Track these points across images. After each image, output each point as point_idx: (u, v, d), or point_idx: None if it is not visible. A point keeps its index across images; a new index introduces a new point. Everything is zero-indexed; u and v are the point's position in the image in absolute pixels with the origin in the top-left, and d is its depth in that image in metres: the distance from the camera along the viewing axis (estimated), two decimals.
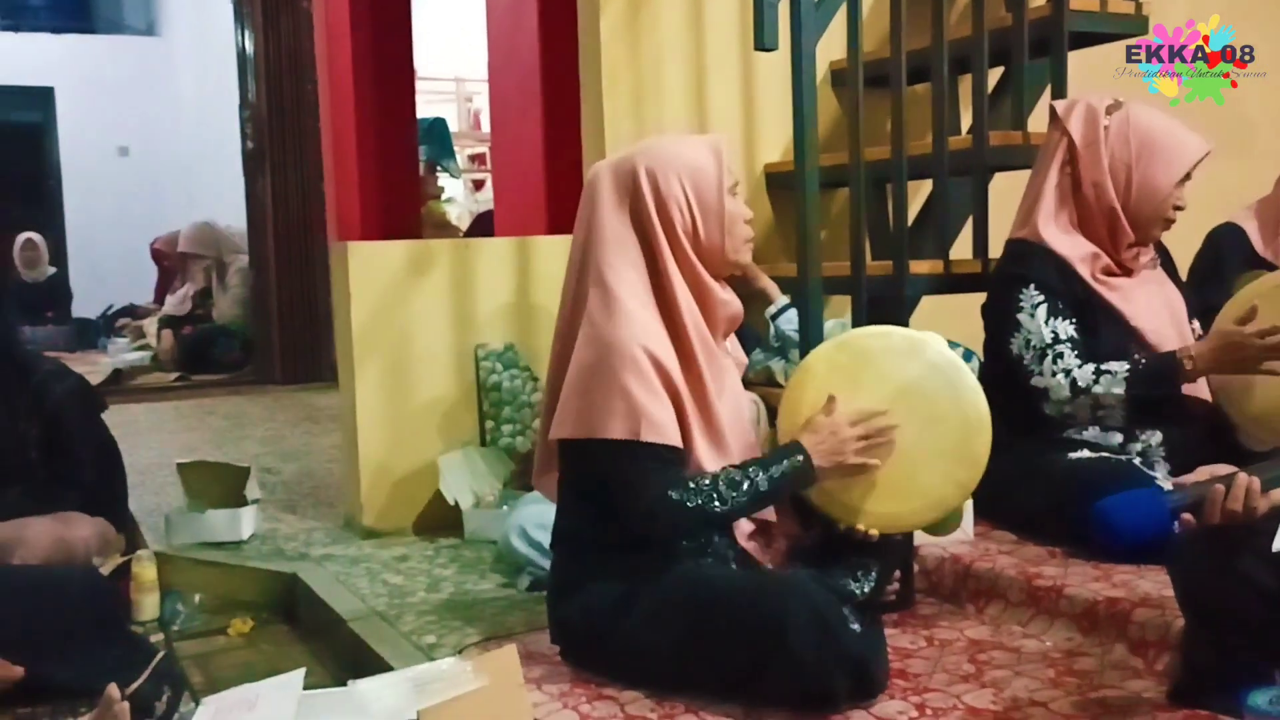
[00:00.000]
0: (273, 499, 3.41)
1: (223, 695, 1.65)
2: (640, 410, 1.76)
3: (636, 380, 1.77)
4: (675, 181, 1.87)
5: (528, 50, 3.79)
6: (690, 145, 1.93)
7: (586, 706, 1.75)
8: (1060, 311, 2.34)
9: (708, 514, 1.78)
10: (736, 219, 1.91)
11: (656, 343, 1.82)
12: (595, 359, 1.80)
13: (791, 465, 1.83)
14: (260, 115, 6.00)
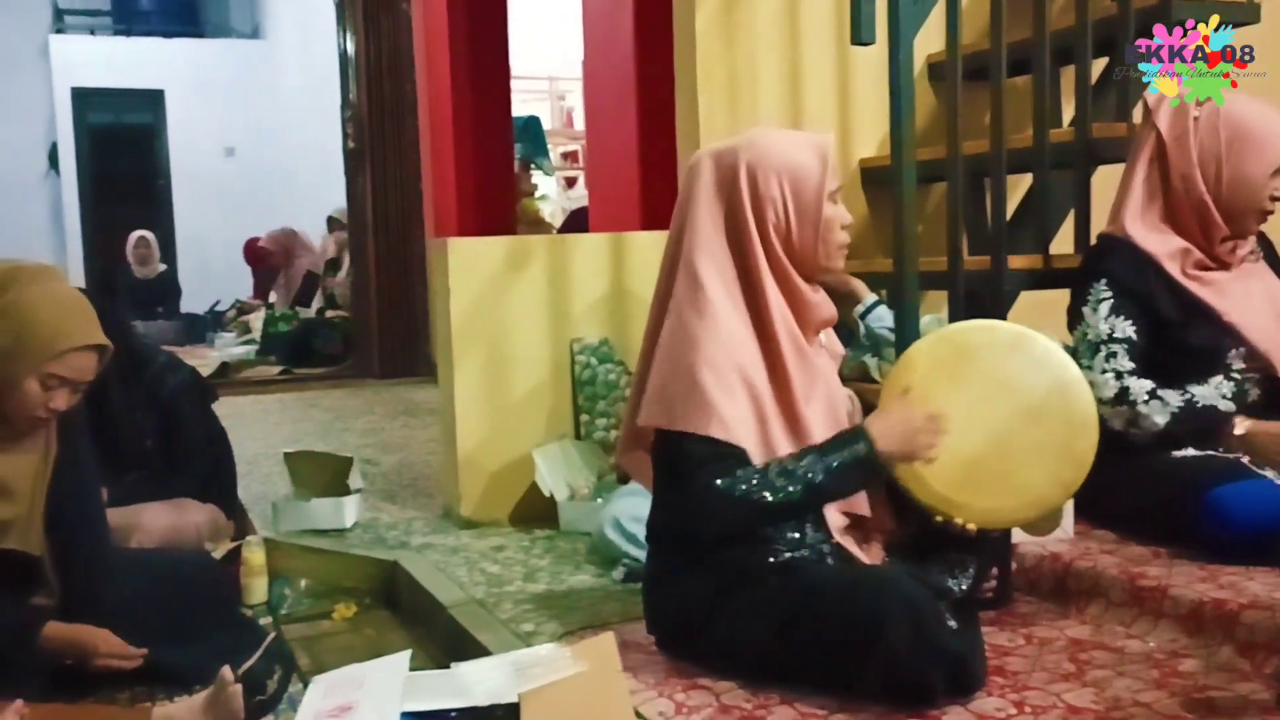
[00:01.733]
0: (373, 489, 3.50)
1: (333, 674, 1.71)
2: (711, 405, 1.78)
3: (712, 375, 1.79)
4: (775, 181, 1.87)
5: (623, 47, 3.82)
6: (796, 145, 1.92)
7: (681, 695, 1.77)
8: (1126, 312, 2.30)
9: (756, 505, 1.77)
10: (833, 224, 1.90)
11: (739, 341, 1.83)
12: (678, 351, 1.82)
13: (852, 453, 1.80)
14: (361, 115, 6.14)
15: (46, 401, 2.05)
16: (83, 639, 2.10)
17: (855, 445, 1.81)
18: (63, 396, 2.07)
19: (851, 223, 1.97)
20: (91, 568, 2.22)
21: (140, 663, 2.13)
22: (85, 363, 2.09)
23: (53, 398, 2.06)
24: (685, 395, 1.79)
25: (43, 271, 2.18)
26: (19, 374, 2.02)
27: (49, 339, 2.03)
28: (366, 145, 6.15)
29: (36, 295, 2.07)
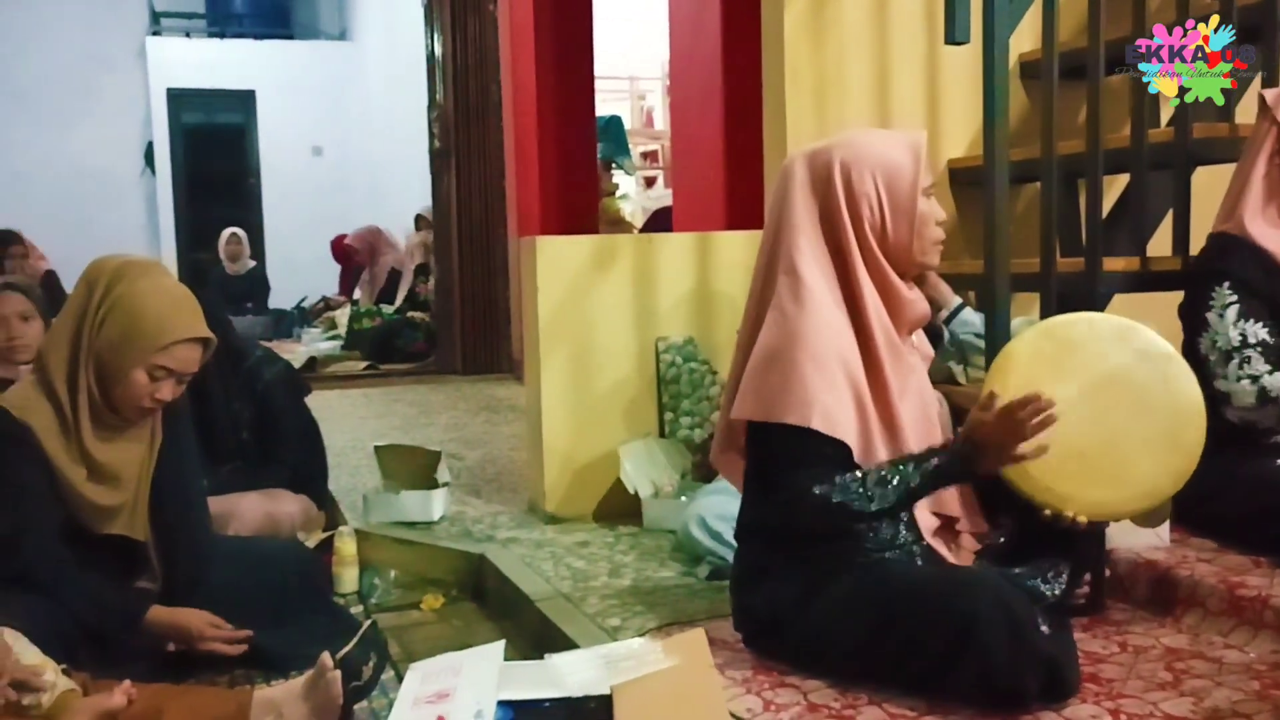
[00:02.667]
0: (459, 483, 3.55)
1: (430, 661, 1.75)
2: (814, 400, 1.78)
3: (816, 369, 1.79)
4: (869, 178, 1.87)
5: (710, 47, 3.83)
6: (890, 142, 1.92)
7: (769, 693, 1.78)
8: (1254, 313, 2.24)
9: (852, 512, 1.78)
10: (928, 220, 1.90)
11: (840, 335, 1.84)
12: (779, 344, 1.83)
13: (950, 457, 1.80)
14: (447, 115, 6.23)
15: (153, 392, 2.13)
16: (186, 623, 2.18)
17: (955, 450, 1.81)
18: (168, 387, 2.15)
19: (946, 219, 1.96)
20: (193, 554, 2.29)
21: (244, 648, 2.20)
22: (190, 355, 2.17)
23: (159, 388, 2.13)
24: (785, 387, 1.80)
25: (150, 266, 2.26)
26: (127, 365, 2.10)
27: (156, 331, 2.11)
28: (452, 145, 6.24)
29: (144, 289, 2.15)
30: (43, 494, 2.10)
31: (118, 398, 2.12)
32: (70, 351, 2.13)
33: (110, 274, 2.16)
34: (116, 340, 2.10)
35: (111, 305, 2.13)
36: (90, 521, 2.15)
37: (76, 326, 2.14)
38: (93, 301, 2.13)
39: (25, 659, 1.78)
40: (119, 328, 2.11)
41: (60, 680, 1.81)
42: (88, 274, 2.19)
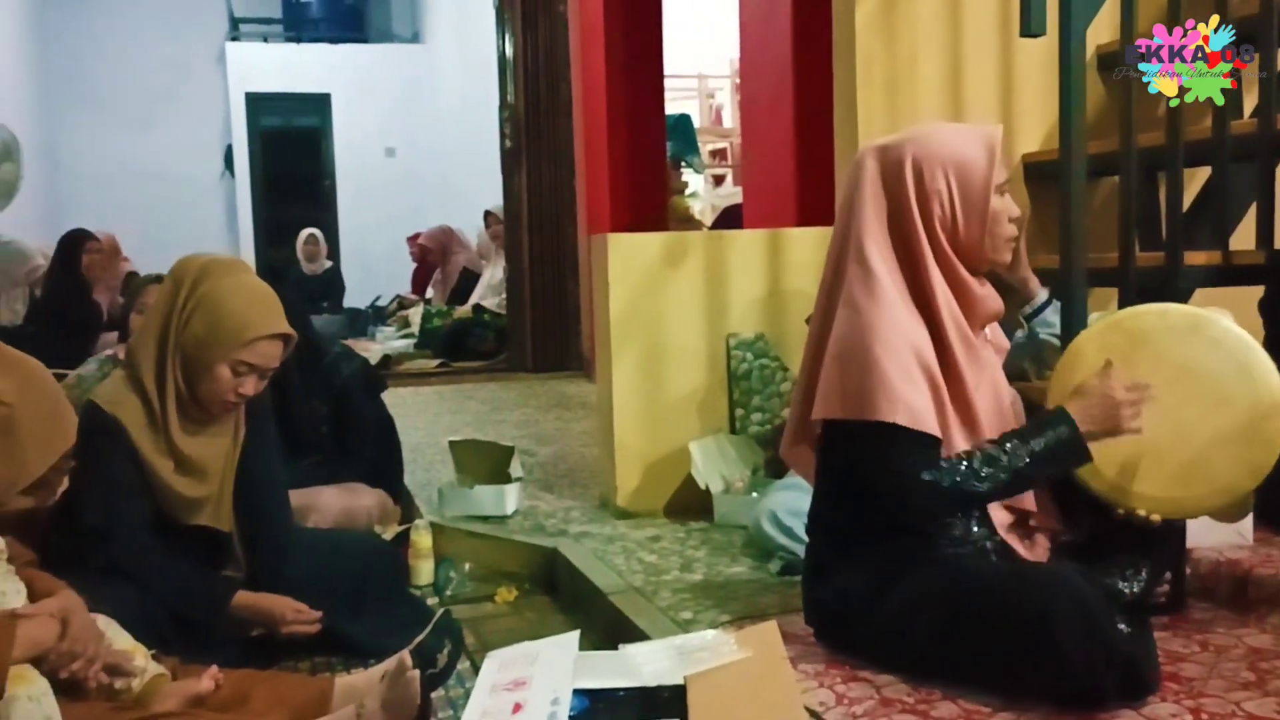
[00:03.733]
0: (531, 479, 3.59)
1: (506, 650, 1.78)
2: (898, 395, 1.77)
3: (893, 363, 1.79)
4: (940, 175, 1.86)
5: (780, 43, 3.83)
6: (963, 137, 1.90)
7: (842, 687, 1.78)
8: None
9: (965, 493, 1.77)
10: (1000, 218, 1.88)
11: (913, 329, 1.83)
12: (855, 340, 1.82)
13: (1056, 436, 1.78)
14: (518, 115, 6.29)
15: (236, 387, 2.19)
16: (270, 608, 2.23)
17: (1058, 428, 1.79)
18: (251, 383, 2.21)
19: (1020, 215, 1.94)
20: (275, 544, 2.35)
21: (319, 627, 2.24)
22: (271, 351, 2.22)
23: (242, 383, 2.19)
24: (866, 384, 1.79)
25: (235, 265, 2.33)
26: (212, 360, 2.16)
27: (239, 328, 2.17)
28: (522, 144, 6.30)
29: (229, 287, 2.21)
30: (132, 486, 2.17)
31: (203, 393, 2.19)
32: (158, 347, 2.19)
33: (196, 272, 2.23)
34: (202, 336, 2.17)
35: (197, 302, 2.19)
36: (177, 513, 2.22)
37: (164, 323, 2.20)
38: (179, 299, 2.20)
39: (117, 644, 1.85)
40: (204, 324, 2.17)
41: (150, 665, 1.88)
42: (174, 272, 2.25)
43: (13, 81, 9.69)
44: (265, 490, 2.36)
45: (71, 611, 1.76)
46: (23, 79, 10.13)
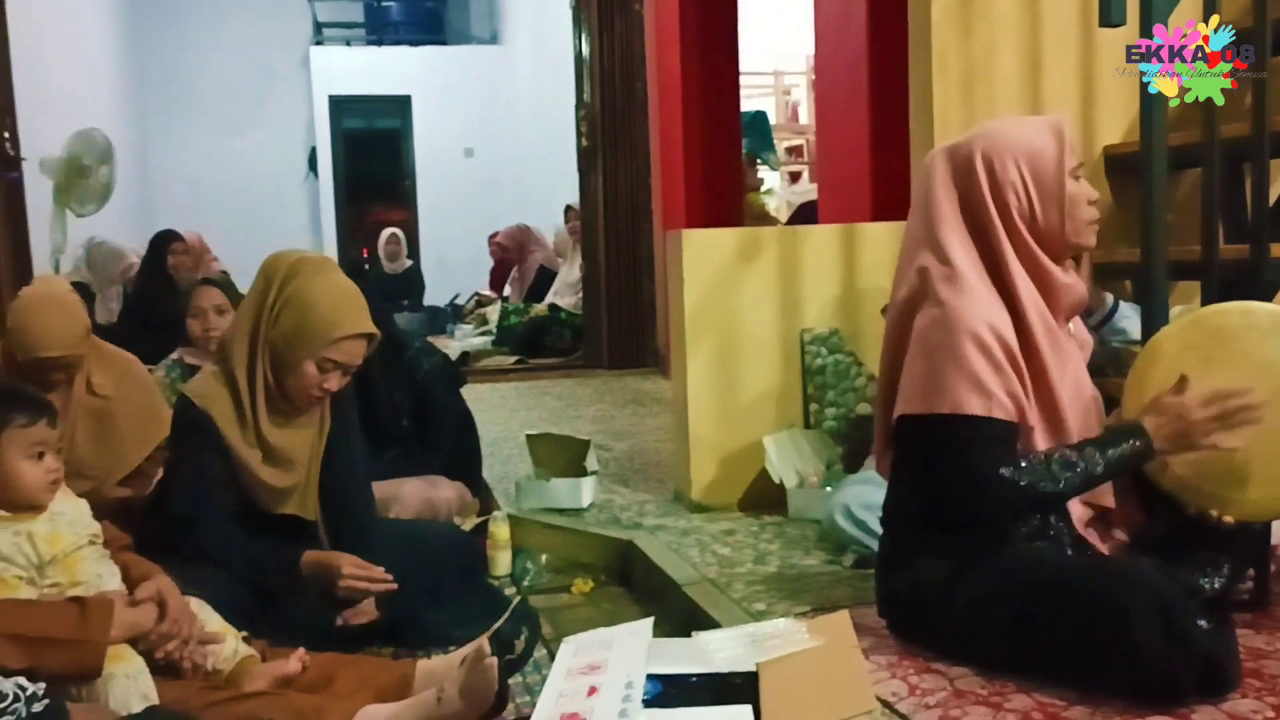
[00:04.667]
0: (607, 473, 3.63)
1: (582, 635, 1.82)
2: (982, 385, 1.77)
3: (980, 355, 1.78)
4: (1012, 166, 1.86)
5: (855, 38, 3.82)
6: (1030, 127, 1.91)
7: (915, 678, 1.79)
8: None
9: (1038, 494, 1.77)
10: (1078, 201, 1.88)
11: (999, 318, 1.83)
12: (938, 334, 1.82)
13: (1130, 449, 1.78)
14: (594, 114, 6.33)
15: (321, 382, 2.25)
16: (329, 559, 2.26)
17: (1134, 442, 1.79)
18: (335, 379, 2.27)
19: (1099, 198, 1.92)
20: (359, 533, 2.41)
21: (381, 587, 2.26)
22: (356, 349, 2.29)
23: (327, 379, 2.26)
24: (951, 374, 1.79)
25: (324, 263, 2.40)
26: (299, 357, 2.23)
27: (326, 326, 2.23)
28: (599, 143, 6.34)
29: (317, 286, 2.28)
30: (218, 478, 2.24)
31: (290, 387, 2.26)
32: (249, 342, 2.27)
33: (286, 269, 2.30)
34: (290, 333, 2.24)
35: (286, 300, 2.26)
36: (266, 502, 2.29)
37: (255, 319, 2.28)
38: (269, 295, 2.27)
39: (209, 626, 1.93)
40: (292, 321, 2.24)
41: (241, 647, 1.95)
42: (265, 268, 2.33)
43: (109, 88, 10.02)
44: (349, 480, 2.43)
45: (167, 594, 1.84)
46: (118, 86, 10.47)
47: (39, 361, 2.47)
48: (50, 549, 1.77)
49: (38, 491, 1.79)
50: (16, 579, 1.72)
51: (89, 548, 1.84)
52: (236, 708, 1.70)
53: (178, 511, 2.24)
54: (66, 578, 1.78)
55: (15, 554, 1.73)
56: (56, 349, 2.50)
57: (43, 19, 7.10)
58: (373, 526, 2.48)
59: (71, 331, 2.55)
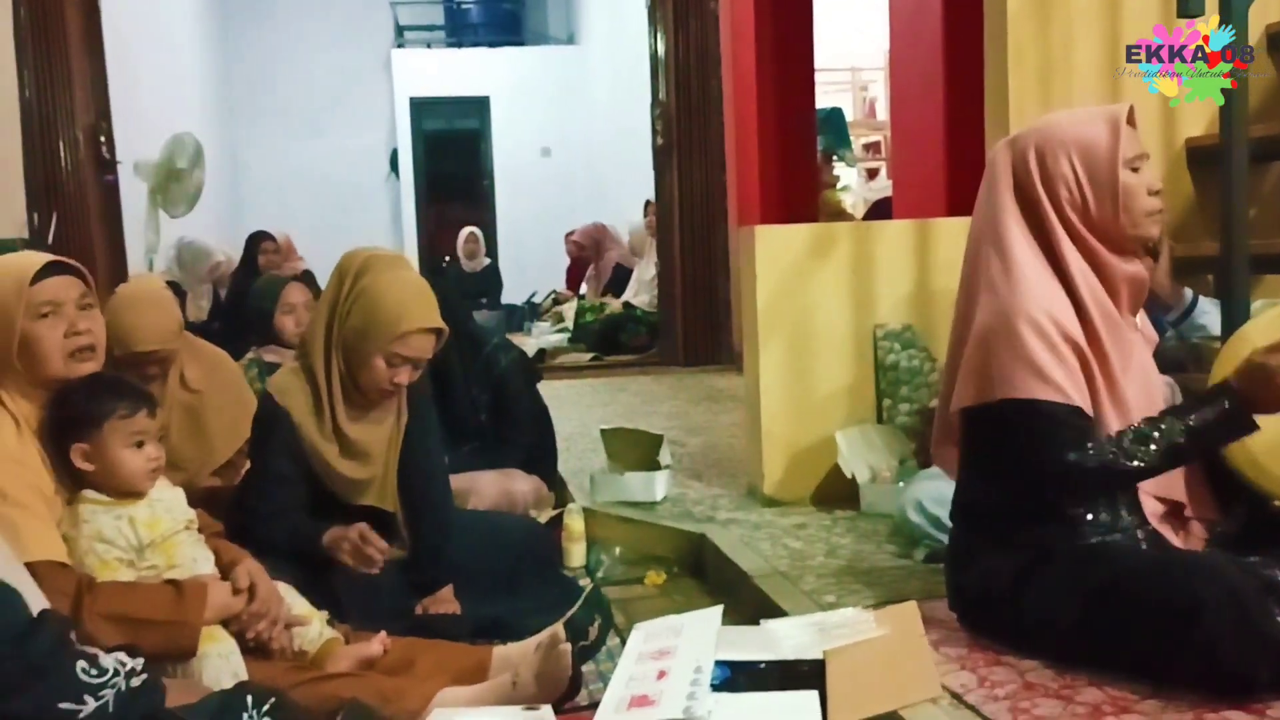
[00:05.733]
0: (680, 468, 3.66)
1: (652, 622, 1.86)
2: (1042, 371, 1.77)
3: (1039, 341, 1.79)
4: (1064, 159, 1.87)
5: (931, 31, 3.80)
6: (1085, 119, 1.90)
7: (985, 670, 1.79)
8: None
9: (1113, 472, 1.75)
10: (1135, 193, 1.86)
11: (1059, 306, 1.83)
12: (997, 324, 1.83)
13: (1216, 409, 1.73)
14: (670, 112, 6.37)
15: (392, 377, 2.30)
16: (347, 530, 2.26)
17: (1219, 401, 1.75)
18: (405, 373, 2.32)
19: (1161, 188, 1.90)
20: (436, 523, 2.47)
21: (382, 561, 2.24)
22: (424, 344, 2.33)
23: (397, 374, 2.31)
24: (1011, 363, 1.80)
25: (394, 260, 2.46)
26: (369, 352, 2.28)
27: (393, 322, 2.28)
28: (674, 141, 6.38)
29: (386, 282, 2.34)
30: (288, 473, 2.31)
31: (362, 381, 2.31)
32: (325, 338, 2.33)
33: (358, 266, 2.37)
34: (360, 328, 2.30)
35: (357, 296, 2.32)
36: (344, 494, 2.36)
37: (330, 315, 2.34)
38: (342, 292, 2.34)
39: (295, 610, 2.00)
40: (362, 317, 2.30)
41: (325, 630, 2.03)
42: (340, 265, 2.40)
43: (198, 93, 10.32)
44: (426, 472, 2.48)
45: (256, 578, 1.92)
46: (207, 90, 10.78)
47: (135, 356, 2.57)
48: (149, 533, 1.85)
49: (138, 479, 1.88)
50: (117, 561, 1.81)
51: (185, 533, 1.92)
52: (322, 687, 1.76)
53: (247, 504, 2.32)
54: (164, 561, 1.86)
55: (117, 537, 1.82)
56: (151, 343, 2.59)
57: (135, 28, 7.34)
58: (450, 517, 2.54)
59: (165, 327, 2.64)
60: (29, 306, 1.82)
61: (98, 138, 5.56)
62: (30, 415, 1.84)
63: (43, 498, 1.78)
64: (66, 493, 1.85)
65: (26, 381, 1.84)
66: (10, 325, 1.81)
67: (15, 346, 1.81)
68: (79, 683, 1.29)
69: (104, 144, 5.60)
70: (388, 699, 1.76)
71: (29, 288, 1.83)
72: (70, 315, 1.86)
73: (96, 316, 1.93)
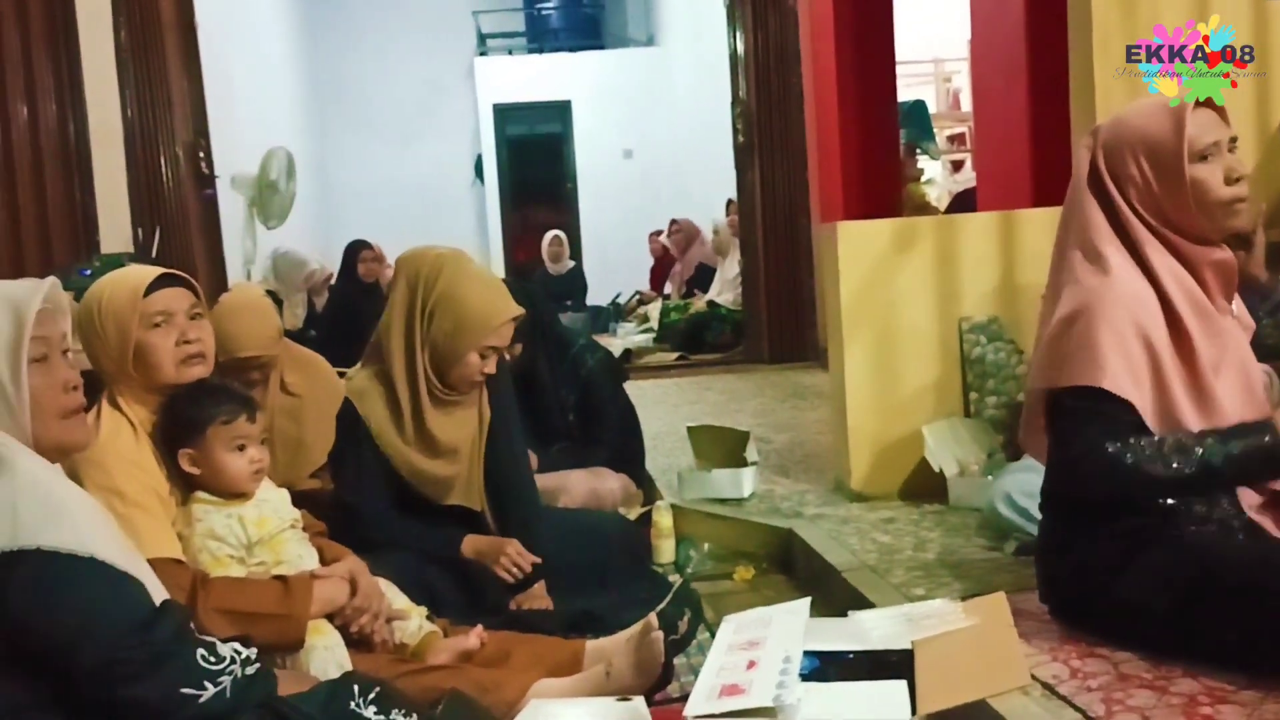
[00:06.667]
0: (767, 464, 3.68)
1: (742, 614, 1.89)
2: (1101, 359, 1.77)
3: (1108, 331, 1.78)
4: (1129, 157, 1.87)
5: (1013, 18, 3.76)
6: (1149, 113, 1.89)
7: (1077, 662, 1.79)
8: None
9: (1144, 474, 1.73)
10: (1207, 186, 1.83)
11: (1139, 303, 1.82)
12: (1072, 312, 1.84)
13: (1256, 443, 1.71)
14: (750, 110, 6.38)
15: (483, 368, 2.39)
16: (495, 542, 2.41)
17: (1259, 435, 1.73)
18: (493, 362, 2.41)
19: (1244, 174, 1.87)
20: (523, 520, 2.52)
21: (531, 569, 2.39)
22: (510, 330, 2.42)
23: (487, 364, 2.39)
24: (1075, 351, 1.81)
25: (460, 257, 2.51)
26: (463, 350, 2.36)
27: (485, 319, 2.36)
28: (755, 139, 6.39)
29: (465, 282, 2.41)
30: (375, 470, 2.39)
31: (453, 377, 2.38)
32: (405, 343, 2.40)
33: (428, 269, 2.43)
34: (450, 330, 2.36)
35: (437, 300, 2.38)
36: (431, 493, 2.43)
37: (407, 321, 2.40)
38: (417, 298, 2.40)
39: (395, 604, 2.08)
40: (451, 320, 2.37)
41: (424, 624, 2.10)
42: (404, 269, 2.45)
43: (290, 107, 10.61)
44: (511, 469, 2.54)
45: (358, 575, 2.00)
46: (298, 102, 11.07)
47: (237, 362, 2.67)
48: (258, 531, 1.94)
49: (242, 480, 1.96)
50: (229, 558, 1.90)
51: (290, 531, 2.00)
52: (422, 679, 1.82)
53: (344, 499, 2.40)
54: (271, 557, 1.94)
55: (228, 535, 1.91)
56: (253, 350, 2.70)
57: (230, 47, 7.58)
58: (536, 513, 2.59)
59: (266, 334, 2.75)
60: (143, 317, 1.92)
61: (197, 154, 5.76)
62: (145, 420, 1.94)
63: (159, 498, 1.88)
64: (179, 494, 1.95)
65: (141, 388, 1.94)
66: (126, 335, 1.91)
67: (131, 354, 1.91)
68: (199, 669, 1.36)
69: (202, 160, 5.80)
70: (485, 690, 1.82)
71: (143, 299, 1.93)
72: (181, 324, 1.96)
73: (205, 325, 2.02)
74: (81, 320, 1.92)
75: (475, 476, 2.48)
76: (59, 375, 1.47)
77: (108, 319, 1.92)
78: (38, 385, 1.43)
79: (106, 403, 1.93)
